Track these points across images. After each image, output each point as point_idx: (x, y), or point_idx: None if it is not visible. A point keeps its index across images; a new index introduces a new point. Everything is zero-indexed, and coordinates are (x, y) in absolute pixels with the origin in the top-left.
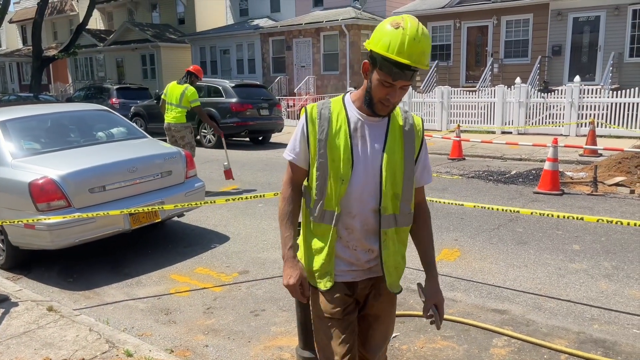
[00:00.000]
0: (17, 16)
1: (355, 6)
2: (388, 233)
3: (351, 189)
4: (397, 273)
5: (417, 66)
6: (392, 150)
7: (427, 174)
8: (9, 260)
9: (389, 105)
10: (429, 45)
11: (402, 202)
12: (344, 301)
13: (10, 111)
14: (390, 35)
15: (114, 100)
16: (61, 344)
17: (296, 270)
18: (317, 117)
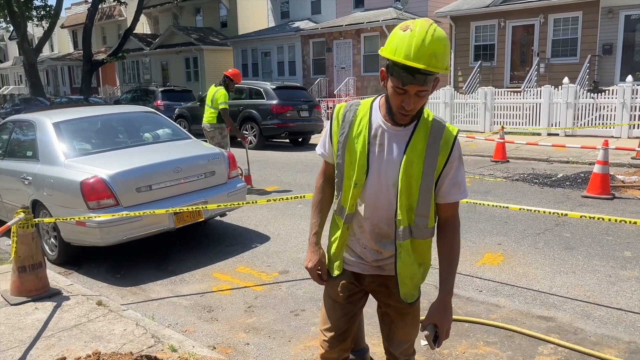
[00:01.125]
0: (69, 21)
1: (396, 7)
2: (403, 245)
3: (364, 195)
4: (413, 282)
5: (428, 69)
6: (410, 162)
7: (456, 191)
8: (61, 256)
9: (406, 113)
10: (441, 47)
11: (417, 215)
12: (348, 289)
13: (62, 113)
14: (399, 39)
15: (159, 102)
16: (110, 337)
17: (316, 255)
18: (342, 119)
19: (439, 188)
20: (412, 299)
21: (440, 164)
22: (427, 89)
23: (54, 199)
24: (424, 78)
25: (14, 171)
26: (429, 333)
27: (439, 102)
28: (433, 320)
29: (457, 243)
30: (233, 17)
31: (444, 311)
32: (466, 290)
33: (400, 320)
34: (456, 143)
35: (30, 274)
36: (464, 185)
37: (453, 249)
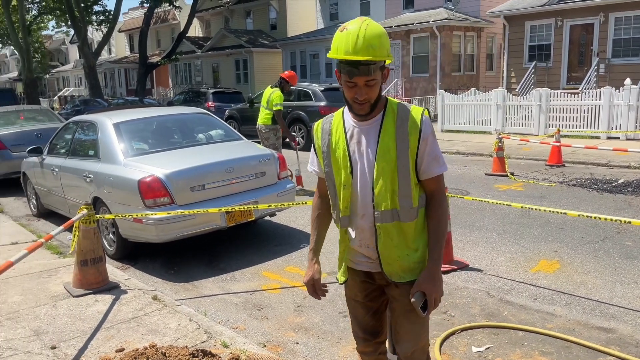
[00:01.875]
0: (125, 26)
1: (447, 7)
2: (383, 227)
3: (355, 194)
4: (400, 264)
5: (366, 59)
6: (386, 148)
7: (436, 164)
8: (118, 251)
9: (360, 103)
10: (376, 38)
11: (400, 197)
12: (364, 287)
13: (121, 114)
14: (338, 39)
15: (210, 104)
16: (165, 331)
17: (310, 271)
18: (321, 131)
19: (420, 165)
20: (398, 278)
21: (413, 143)
22: (375, 78)
23: (113, 197)
24: (367, 68)
25: (76, 169)
26: (416, 300)
27: (491, 104)
28: (420, 288)
29: (444, 214)
30: (282, 20)
31: (431, 279)
32: (520, 298)
33: (404, 318)
34: (424, 120)
35: (91, 268)
36: (442, 159)
37: (439, 219)
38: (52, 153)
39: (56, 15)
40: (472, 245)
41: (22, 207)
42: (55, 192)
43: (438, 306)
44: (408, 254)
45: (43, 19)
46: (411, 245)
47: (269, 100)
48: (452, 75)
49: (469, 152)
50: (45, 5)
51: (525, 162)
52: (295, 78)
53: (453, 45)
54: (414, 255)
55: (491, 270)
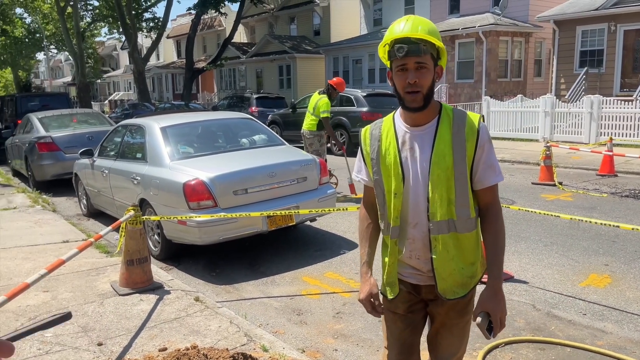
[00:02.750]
0: (173, 32)
1: (494, 12)
2: (439, 239)
3: (407, 202)
4: (453, 279)
5: (416, 36)
6: (441, 155)
7: (492, 174)
8: (163, 252)
9: (412, 90)
10: (425, 24)
11: (458, 207)
12: (407, 299)
13: (168, 118)
14: (388, 30)
15: (253, 109)
16: (206, 332)
17: (367, 286)
18: (369, 137)
19: (475, 174)
20: (452, 295)
21: (470, 150)
22: (425, 62)
23: (159, 198)
24: (417, 47)
25: (125, 171)
26: (482, 321)
27: (539, 111)
28: (484, 308)
29: (501, 228)
30: (326, 26)
31: (494, 297)
32: (568, 312)
33: (447, 331)
34: (482, 127)
35: (137, 267)
36: (499, 168)
37: (497, 233)
38: (102, 155)
39: (108, 22)
40: (517, 256)
41: (73, 206)
42: (104, 192)
43: (504, 326)
44: (463, 267)
45: (96, 26)
46: (468, 258)
47: (315, 106)
48: (498, 82)
49: (514, 160)
50: (99, 12)
51: (574, 171)
52: (343, 85)
53: (500, 51)
54: (469, 269)
55: (537, 282)
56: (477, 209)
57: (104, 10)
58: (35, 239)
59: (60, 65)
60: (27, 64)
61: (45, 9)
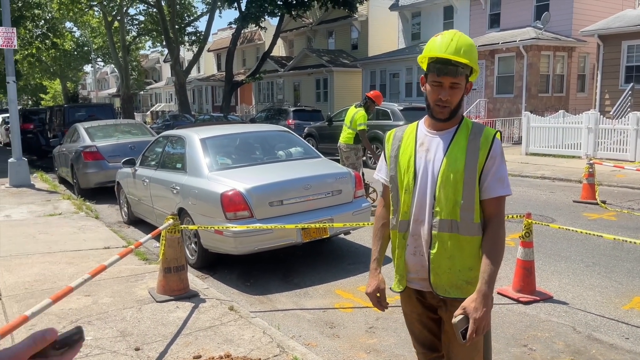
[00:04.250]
0: (214, 45)
1: (536, 26)
2: (439, 236)
3: (415, 198)
4: (447, 278)
5: (457, 59)
6: (453, 158)
7: (500, 186)
8: (199, 261)
9: (442, 105)
10: (467, 45)
11: (463, 210)
12: (418, 304)
13: (207, 130)
14: (431, 43)
15: (290, 121)
16: (239, 341)
17: (375, 281)
18: (392, 138)
19: (483, 184)
20: (443, 292)
21: (481, 158)
22: (459, 82)
23: (197, 208)
24: (455, 69)
25: (165, 181)
26: (458, 322)
27: (582, 127)
28: (465, 310)
29: (501, 237)
30: (364, 39)
31: (474, 301)
32: (610, 336)
33: (456, 342)
34: (496, 140)
35: (174, 275)
36: (507, 182)
37: (496, 241)
38: (144, 165)
39: (153, 36)
40: (557, 276)
41: (114, 214)
42: (144, 201)
43: (481, 334)
44: (459, 269)
45: (141, 40)
46: (466, 262)
47: (352, 119)
48: (538, 97)
49: (555, 177)
50: (144, 27)
51: (619, 189)
52: (381, 98)
53: (541, 65)
54: (466, 274)
55: (578, 304)
56: (482, 218)
57: (149, 24)
58: (79, 244)
59: (105, 77)
60: (75, 75)
61: (94, 23)
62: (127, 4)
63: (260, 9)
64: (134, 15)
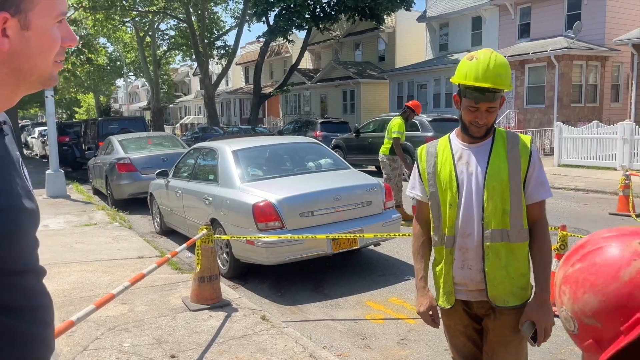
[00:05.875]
0: (242, 59)
1: (567, 35)
2: (492, 247)
3: (461, 212)
4: (504, 288)
5: (494, 87)
6: (496, 168)
7: (542, 190)
8: (231, 271)
9: (479, 126)
10: (504, 69)
11: (512, 217)
12: (463, 316)
13: (238, 142)
14: (467, 67)
15: (318, 133)
16: (272, 351)
17: (426, 299)
18: (426, 154)
19: (527, 189)
20: (502, 303)
21: (524, 165)
22: (496, 105)
23: (229, 219)
24: (492, 95)
25: (197, 192)
26: (527, 330)
27: (616, 138)
28: (529, 317)
29: (549, 240)
30: (391, 51)
31: (540, 308)
32: None
33: (502, 349)
34: (533, 146)
35: (207, 284)
36: (548, 185)
37: (544, 246)
38: (176, 176)
39: (182, 50)
40: None
41: (147, 224)
42: (176, 212)
43: (549, 336)
44: (514, 277)
45: (171, 54)
46: (519, 269)
47: (389, 129)
48: (571, 107)
49: (589, 189)
50: (174, 41)
51: None
52: (420, 107)
53: (573, 75)
54: (520, 280)
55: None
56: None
57: (179, 39)
58: (114, 253)
59: (137, 90)
60: (107, 89)
61: (127, 39)
62: (159, 20)
63: (288, 22)
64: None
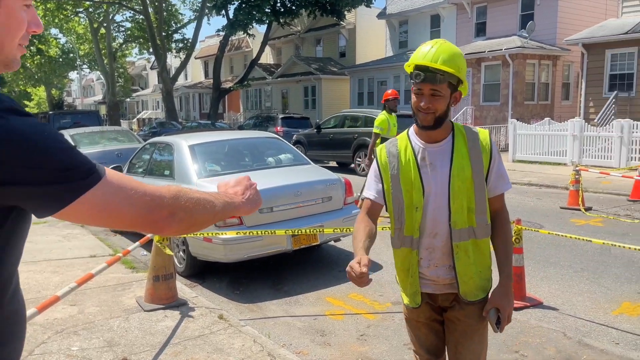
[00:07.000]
0: (201, 53)
1: (521, 35)
2: (461, 246)
3: (427, 214)
4: (474, 283)
5: (433, 66)
6: (460, 167)
7: (502, 182)
8: (187, 269)
9: (424, 112)
10: (448, 54)
11: (477, 214)
12: (427, 308)
13: (196, 137)
14: (415, 51)
15: (279, 129)
16: (229, 350)
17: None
18: (387, 155)
19: (488, 183)
20: (473, 297)
21: (485, 162)
22: (440, 90)
23: None
24: (434, 76)
25: None
26: (491, 316)
27: (567, 135)
28: (495, 304)
29: (510, 231)
30: (352, 47)
31: (505, 295)
32: (600, 342)
33: (467, 339)
34: (492, 140)
35: (162, 284)
36: (507, 177)
37: (507, 235)
38: (131, 172)
39: (139, 42)
40: (547, 282)
41: None
42: None
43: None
44: (482, 270)
45: (128, 47)
46: (485, 262)
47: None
48: (524, 104)
49: (542, 184)
50: (130, 33)
51: (605, 196)
52: (388, 94)
53: (526, 74)
54: (487, 273)
55: (568, 309)
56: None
57: (136, 31)
58: (64, 253)
59: (91, 84)
60: (60, 82)
61: (80, 30)
62: (114, 11)
63: (249, 16)
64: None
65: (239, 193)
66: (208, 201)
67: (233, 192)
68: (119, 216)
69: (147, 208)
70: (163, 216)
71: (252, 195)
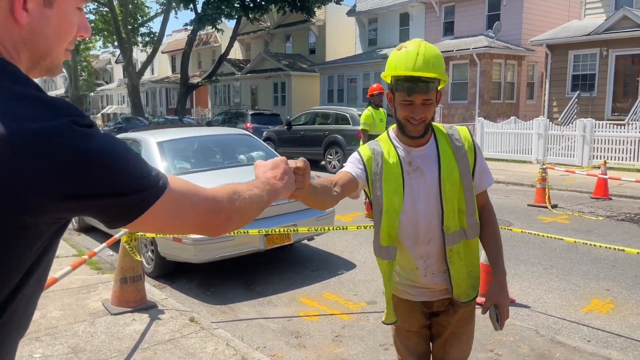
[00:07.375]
0: (169, 47)
1: (488, 35)
2: (454, 249)
3: (417, 220)
4: (466, 283)
5: (427, 75)
6: (449, 170)
7: (486, 178)
8: (156, 270)
9: (415, 123)
10: (435, 57)
11: (467, 215)
12: (421, 317)
13: (164, 133)
14: (396, 57)
15: (248, 125)
16: (201, 355)
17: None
18: (372, 152)
19: (474, 181)
20: (465, 298)
21: (471, 161)
22: (431, 98)
23: None
24: (426, 86)
25: None
26: (492, 314)
27: (532, 134)
28: (494, 301)
29: (497, 225)
30: (321, 44)
31: (502, 291)
32: (572, 339)
33: (455, 339)
34: (474, 138)
35: (130, 286)
36: (489, 170)
37: (495, 229)
38: None
39: (104, 35)
40: (518, 279)
41: None
42: None
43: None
44: (472, 270)
45: (91, 39)
46: (474, 261)
47: None
48: (491, 103)
49: (509, 182)
50: (94, 26)
51: (569, 193)
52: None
53: (493, 73)
54: (476, 271)
55: (539, 307)
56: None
57: (100, 23)
58: None
59: (53, 77)
60: None
61: None
62: None
63: (217, 10)
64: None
65: (277, 177)
66: (259, 196)
67: (272, 176)
68: (184, 223)
69: (208, 214)
70: (222, 220)
71: (290, 179)
